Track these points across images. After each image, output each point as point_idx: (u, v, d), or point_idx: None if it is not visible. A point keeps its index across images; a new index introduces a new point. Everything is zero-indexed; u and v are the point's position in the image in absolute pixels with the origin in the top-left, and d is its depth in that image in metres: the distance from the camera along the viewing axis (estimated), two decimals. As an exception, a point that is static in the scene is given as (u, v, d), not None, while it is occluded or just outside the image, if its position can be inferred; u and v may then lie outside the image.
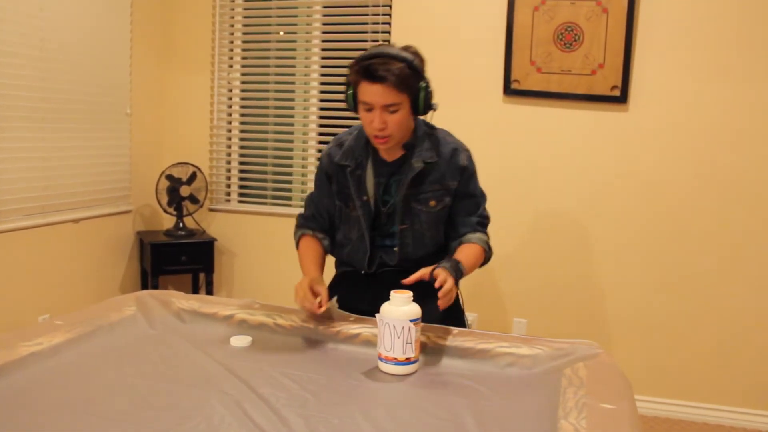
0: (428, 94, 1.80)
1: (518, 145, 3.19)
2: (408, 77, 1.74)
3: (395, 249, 1.95)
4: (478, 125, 3.23)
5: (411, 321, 1.49)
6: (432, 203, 1.91)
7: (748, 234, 2.96)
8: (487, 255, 1.97)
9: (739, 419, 3.02)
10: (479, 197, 2.00)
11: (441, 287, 1.61)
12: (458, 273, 1.71)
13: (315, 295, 1.73)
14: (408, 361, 1.50)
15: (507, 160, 3.21)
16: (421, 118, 1.93)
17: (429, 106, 1.82)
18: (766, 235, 2.95)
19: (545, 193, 3.18)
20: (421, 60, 1.81)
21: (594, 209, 3.13)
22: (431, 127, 1.96)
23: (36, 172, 2.91)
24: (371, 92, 1.73)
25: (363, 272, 2.00)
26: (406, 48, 1.79)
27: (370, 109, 1.76)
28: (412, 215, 1.92)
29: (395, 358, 1.50)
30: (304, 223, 2.06)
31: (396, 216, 1.92)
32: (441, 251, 1.99)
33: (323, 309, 1.70)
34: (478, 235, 1.96)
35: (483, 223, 2.01)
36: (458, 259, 1.77)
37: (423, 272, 1.67)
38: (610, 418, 1.21)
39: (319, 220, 2.04)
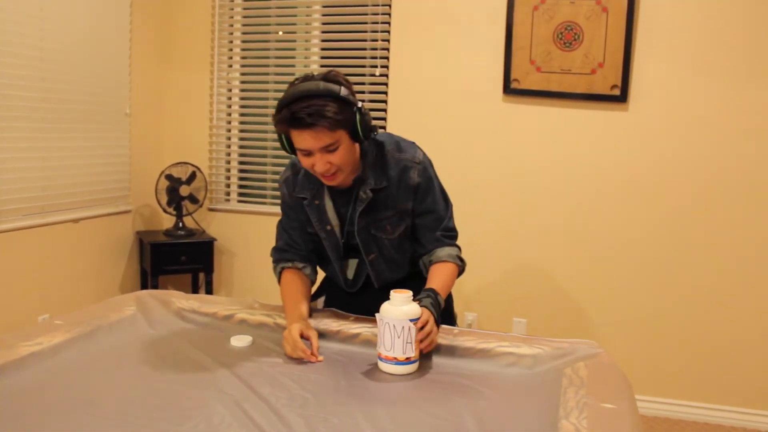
0: (365, 119, 1.64)
1: (518, 145, 3.19)
2: (338, 113, 1.57)
3: (372, 276, 1.89)
4: (478, 125, 3.23)
5: (411, 320, 1.49)
6: (389, 229, 1.82)
7: (749, 234, 2.96)
8: (460, 269, 1.86)
9: (740, 419, 3.02)
10: (440, 211, 1.85)
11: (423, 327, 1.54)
12: (438, 308, 1.65)
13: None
14: (408, 361, 1.50)
15: (507, 159, 3.21)
16: (366, 142, 1.79)
17: (370, 130, 1.67)
18: (767, 235, 2.95)
19: (545, 193, 3.18)
20: (348, 85, 1.64)
21: (594, 208, 3.13)
22: (380, 147, 1.80)
23: (36, 172, 2.91)
24: (304, 139, 1.59)
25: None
26: (328, 77, 1.63)
27: (308, 154, 1.63)
28: (377, 243, 1.84)
29: (395, 358, 1.49)
30: (280, 257, 1.90)
31: (360, 246, 1.84)
32: (417, 265, 1.92)
33: (316, 358, 1.58)
34: (447, 250, 1.84)
35: (449, 236, 1.88)
36: (435, 288, 1.70)
37: None
38: (611, 418, 1.21)
39: (295, 249, 1.89)
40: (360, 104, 1.64)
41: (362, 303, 1.87)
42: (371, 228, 1.82)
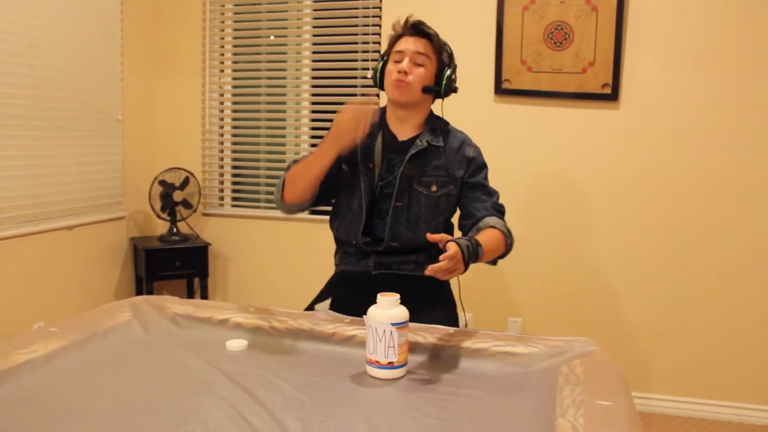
0: (452, 78, 1.95)
1: (510, 145, 3.20)
2: (442, 48, 1.93)
3: (386, 226, 1.94)
4: (470, 125, 3.20)
5: (393, 325, 1.46)
6: (434, 188, 1.94)
7: (743, 231, 2.97)
8: (508, 242, 1.89)
9: (737, 414, 3.03)
10: (491, 189, 2.02)
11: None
12: (474, 255, 1.65)
13: None
14: (390, 366, 1.47)
15: (499, 159, 3.21)
16: (436, 115, 2.04)
17: (450, 88, 1.95)
18: (759, 232, 2.96)
19: (537, 192, 3.19)
20: (452, 52, 2.00)
21: (586, 207, 3.14)
22: (445, 123, 2.07)
23: (28, 180, 2.90)
24: (409, 42, 1.90)
25: (360, 262, 2.00)
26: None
27: (399, 61, 1.90)
28: (411, 195, 1.93)
29: (377, 362, 1.48)
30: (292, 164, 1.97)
31: (393, 194, 1.93)
32: (432, 246, 1.95)
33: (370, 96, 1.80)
34: (496, 218, 1.90)
35: (499, 209, 1.97)
36: (479, 240, 1.70)
37: (443, 236, 1.59)
38: (608, 415, 1.21)
39: None
40: (454, 68, 1.97)
41: (371, 300, 1.84)
42: (413, 180, 1.93)
